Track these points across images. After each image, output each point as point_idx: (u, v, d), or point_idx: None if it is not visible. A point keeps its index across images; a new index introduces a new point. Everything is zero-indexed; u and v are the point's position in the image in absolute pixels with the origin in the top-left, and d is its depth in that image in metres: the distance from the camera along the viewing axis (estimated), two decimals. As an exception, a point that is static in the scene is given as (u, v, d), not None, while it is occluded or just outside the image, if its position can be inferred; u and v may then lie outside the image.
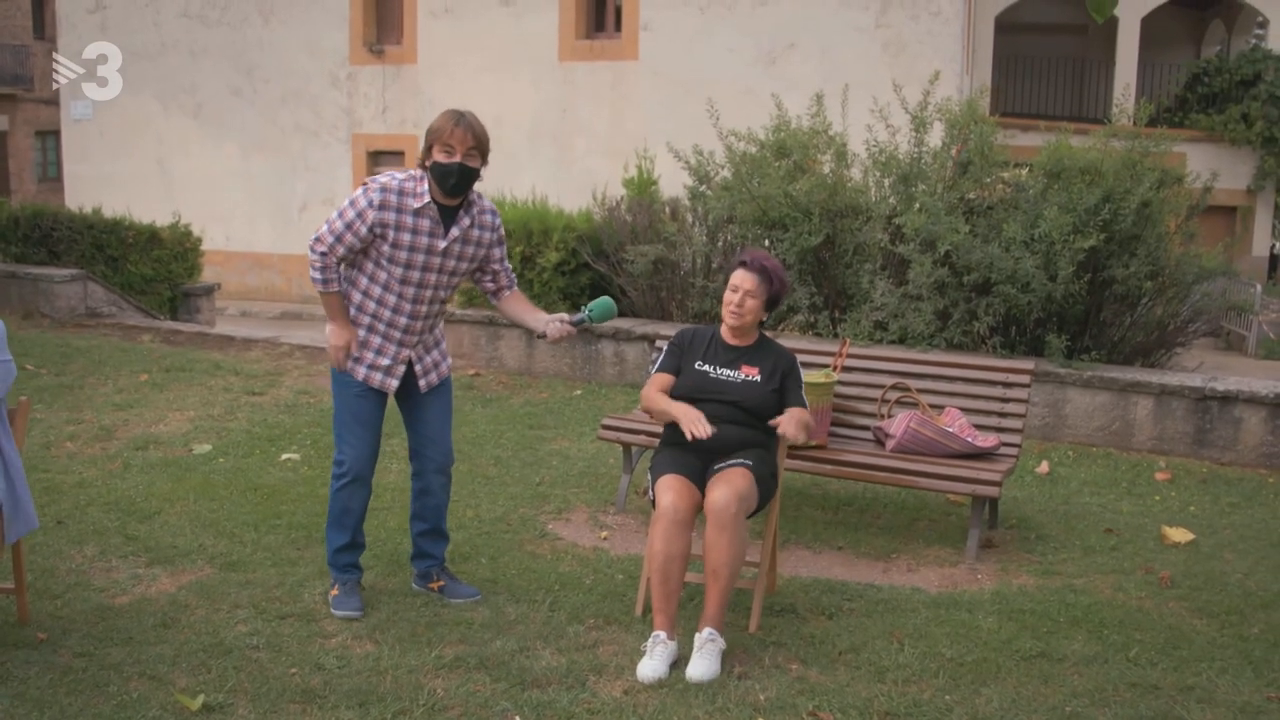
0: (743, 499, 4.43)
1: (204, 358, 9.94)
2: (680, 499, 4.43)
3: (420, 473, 4.89)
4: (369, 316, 4.66)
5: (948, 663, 4.41)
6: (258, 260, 21.67)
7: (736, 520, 4.39)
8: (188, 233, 13.11)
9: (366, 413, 4.72)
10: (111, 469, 6.71)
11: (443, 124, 4.49)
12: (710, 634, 4.29)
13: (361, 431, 4.72)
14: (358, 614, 4.69)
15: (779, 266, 4.88)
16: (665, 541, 4.36)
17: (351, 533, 4.84)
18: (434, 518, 4.95)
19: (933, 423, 5.82)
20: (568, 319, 4.76)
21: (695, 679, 4.17)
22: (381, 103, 20.85)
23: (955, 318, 8.32)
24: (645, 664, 4.22)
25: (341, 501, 4.77)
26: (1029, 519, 6.34)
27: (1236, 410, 7.60)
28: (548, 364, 9.66)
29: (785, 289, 4.89)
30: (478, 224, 4.68)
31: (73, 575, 5.05)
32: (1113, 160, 8.03)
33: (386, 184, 4.52)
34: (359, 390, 4.70)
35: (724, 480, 4.48)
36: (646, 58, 19.03)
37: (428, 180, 4.55)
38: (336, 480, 4.75)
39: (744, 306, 4.79)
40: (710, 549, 4.37)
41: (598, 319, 4.81)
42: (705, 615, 4.35)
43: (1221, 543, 6.05)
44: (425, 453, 4.86)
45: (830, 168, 9.08)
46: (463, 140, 4.46)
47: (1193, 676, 4.38)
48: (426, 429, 4.86)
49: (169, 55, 21.76)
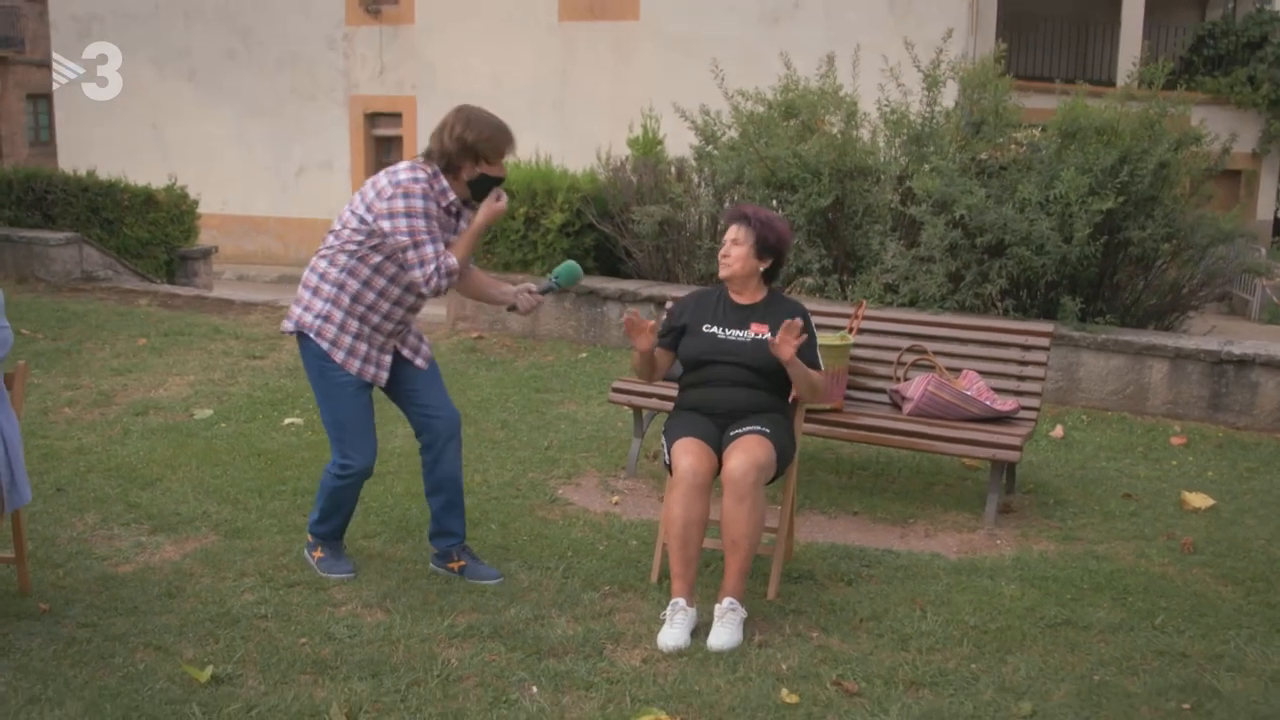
0: (761, 468, 4.31)
1: (203, 321, 9.80)
2: (699, 462, 4.32)
3: (432, 444, 4.68)
4: (364, 308, 4.42)
5: (971, 630, 4.32)
6: (254, 224, 21.46)
7: (755, 489, 4.27)
8: (184, 195, 12.93)
9: (365, 411, 4.55)
10: (111, 435, 6.59)
11: (496, 139, 4.38)
12: (731, 603, 4.19)
13: (365, 432, 4.54)
14: (351, 574, 4.62)
15: (769, 214, 4.73)
16: (684, 507, 4.25)
17: (349, 515, 4.73)
18: (452, 488, 4.74)
19: (951, 385, 5.70)
20: (534, 288, 4.63)
21: (716, 648, 4.08)
22: (379, 64, 20.60)
23: (967, 280, 8.19)
24: (666, 632, 4.12)
25: (343, 494, 4.63)
26: (1046, 484, 6.24)
27: (1253, 374, 7.48)
28: (552, 326, 9.53)
29: (777, 235, 4.67)
30: (471, 210, 4.58)
31: (74, 544, 4.94)
32: (1130, 120, 7.87)
33: (429, 179, 4.34)
34: (355, 389, 4.49)
35: (741, 448, 4.36)
36: (647, 18, 18.80)
37: (442, 177, 4.39)
38: (339, 479, 4.56)
39: (730, 255, 4.66)
40: (729, 520, 4.26)
41: (565, 284, 4.71)
42: (725, 585, 4.25)
43: (1242, 508, 5.95)
44: (434, 424, 4.66)
45: (839, 128, 8.91)
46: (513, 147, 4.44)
47: (1220, 644, 4.29)
48: (427, 399, 4.67)
49: (162, 17, 21.48)
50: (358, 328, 4.43)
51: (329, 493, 4.64)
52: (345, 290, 4.39)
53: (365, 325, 4.44)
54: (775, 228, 4.69)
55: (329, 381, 4.47)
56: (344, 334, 4.42)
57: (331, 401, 4.51)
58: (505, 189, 4.60)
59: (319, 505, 4.70)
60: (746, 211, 4.71)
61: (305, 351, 4.51)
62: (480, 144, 4.34)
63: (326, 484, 4.64)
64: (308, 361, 4.53)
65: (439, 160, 4.38)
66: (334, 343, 4.42)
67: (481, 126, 4.36)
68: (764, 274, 4.74)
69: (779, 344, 4.41)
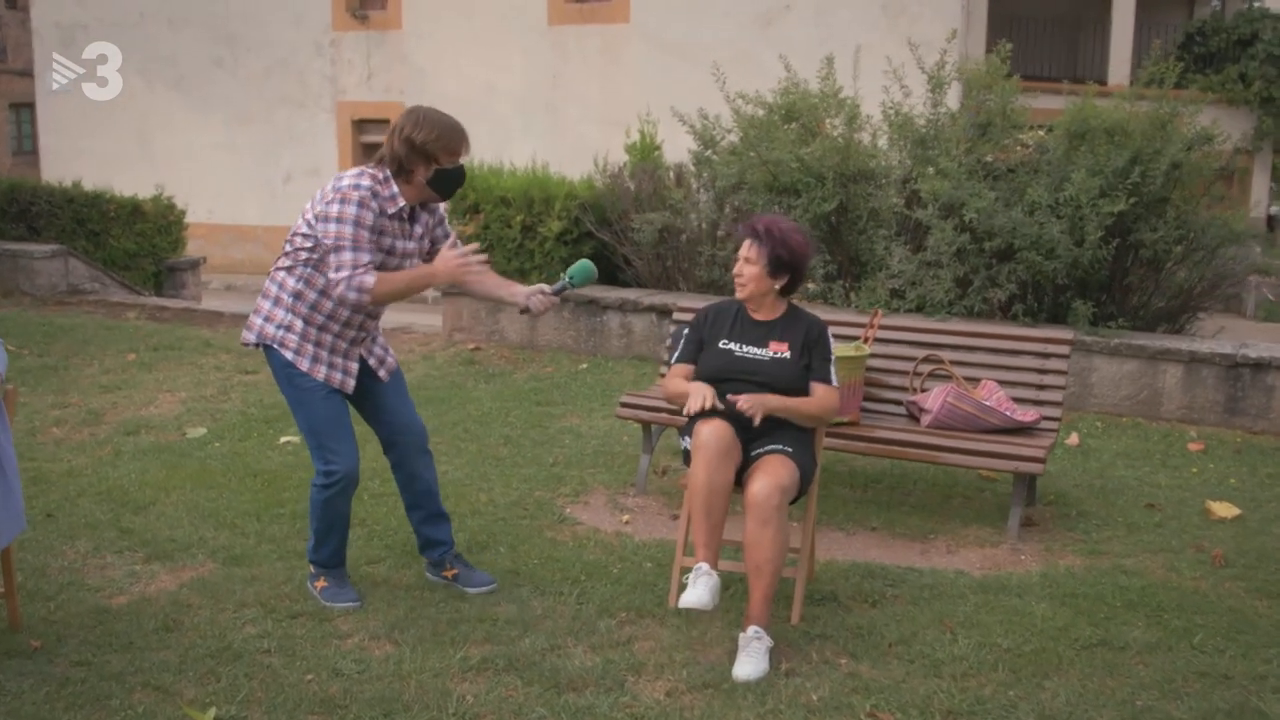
0: (785, 490, 4.14)
1: (193, 335, 9.60)
2: (721, 430, 4.15)
3: (402, 461, 4.59)
4: (324, 317, 4.30)
5: (1005, 654, 4.15)
6: (242, 233, 21.24)
7: (779, 513, 4.09)
8: (171, 205, 12.72)
9: (339, 413, 4.39)
10: (101, 456, 6.39)
11: (444, 134, 4.22)
12: (756, 632, 4.01)
13: (343, 434, 4.39)
14: (357, 604, 4.45)
15: (785, 227, 4.51)
16: (708, 471, 4.08)
17: (344, 533, 4.56)
18: (429, 501, 4.68)
19: (970, 396, 5.53)
20: (549, 290, 4.48)
21: (743, 679, 3.90)
22: (366, 70, 20.41)
23: (975, 285, 8.03)
24: (689, 593, 3.99)
25: (333, 508, 4.45)
26: (1066, 494, 6.07)
27: (1269, 378, 7.33)
28: (551, 337, 9.35)
29: (790, 251, 4.47)
30: (428, 211, 4.46)
31: (66, 574, 4.74)
32: (1140, 121, 7.72)
33: (373, 188, 4.19)
34: (325, 393, 4.35)
35: (764, 470, 4.18)
36: (638, 20, 18.63)
37: (392, 182, 4.24)
38: (326, 490, 4.40)
39: (743, 275, 4.50)
40: (753, 545, 4.08)
41: (579, 284, 4.53)
42: (750, 613, 4.07)
43: (1268, 517, 5.79)
44: (402, 440, 4.57)
45: (841, 131, 8.75)
46: (467, 145, 4.29)
47: (1263, 664, 4.13)
48: (395, 416, 4.57)
49: (148, 25, 21.25)
50: (317, 335, 4.32)
51: (318, 509, 4.47)
52: (303, 300, 4.29)
53: (326, 334, 4.33)
54: (790, 243, 4.49)
55: (298, 389, 4.36)
56: (306, 343, 4.32)
57: (305, 409, 4.37)
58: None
59: (312, 529, 4.54)
60: (758, 227, 4.51)
61: (272, 362, 4.42)
62: (429, 144, 4.19)
63: (315, 501, 4.47)
64: (275, 372, 4.43)
65: (390, 164, 4.25)
66: (298, 352, 4.31)
67: (430, 126, 4.21)
68: (781, 290, 4.57)
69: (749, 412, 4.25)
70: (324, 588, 4.52)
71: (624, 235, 9.45)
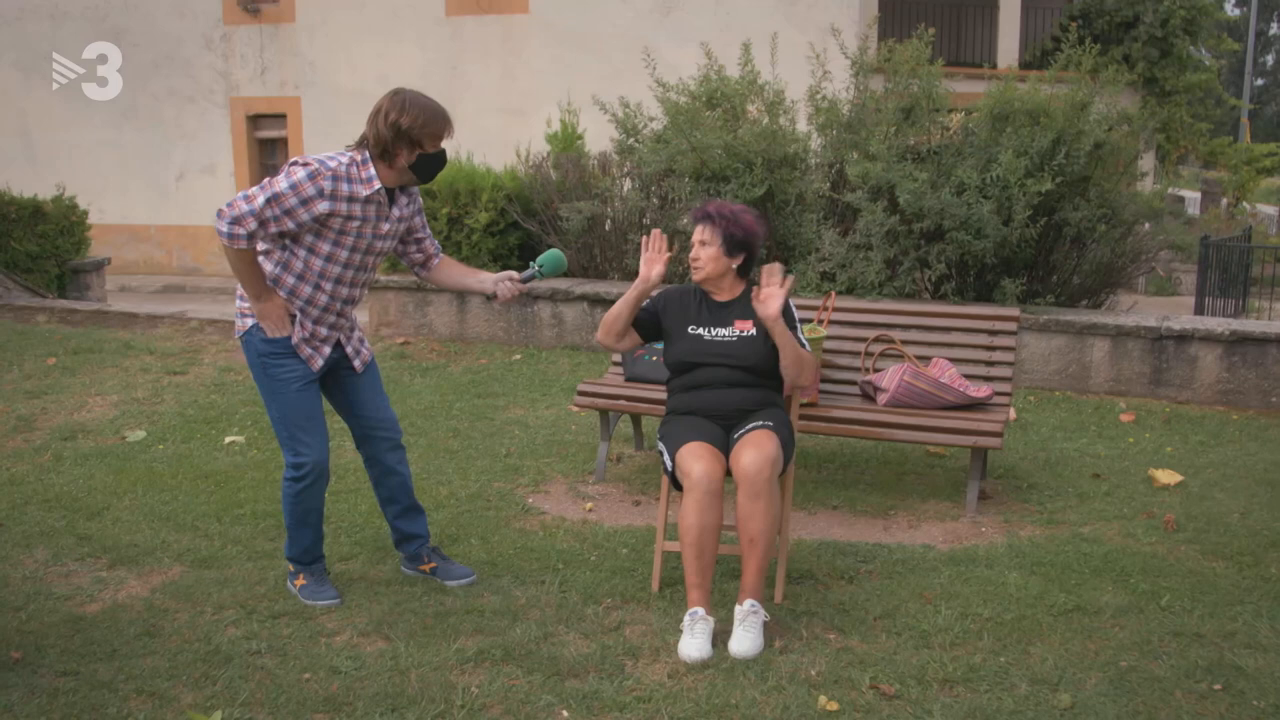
0: (773, 462, 4.19)
1: (110, 337, 9.34)
2: (712, 468, 4.16)
3: (375, 456, 4.57)
4: (302, 301, 4.25)
5: (987, 623, 4.24)
6: (134, 233, 20.65)
7: (770, 485, 4.14)
8: (73, 206, 12.31)
9: (312, 405, 4.34)
10: (42, 462, 6.20)
11: (428, 118, 4.15)
12: (752, 605, 4.05)
13: (314, 427, 4.33)
14: (337, 601, 4.40)
15: (735, 208, 4.59)
16: (699, 513, 4.09)
17: (316, 528, 4.50)
18: (405, 495, 4.67)
19: (926, 375, 5.64)
20: (517, 276, 4.47)
21: (740, 654, 3.94)
22: (260, 64, 19.97)
23: (905, 266, 8.17)
24: (688, 643, 3.96)
25: (305, 502, 4.39)
26: (1014, 467, 6.23)
27: (1192, 348, 7.60)
28: (481, 328, 9.29)
29: (744, 230, 4.54)
30: (409, 199, 4.40)
31: (29, 583, 4.59)
32: (1060, 103, 7.92)
33: (336, 170, 4.10)
34: (300, 385, 4.29)
35: (752, 444, 4.22)
36: (537, 10, 18.50)
37: (372, 164, 4.18)
38: (297, 483, 4.34)
39: (700, 257, 4.54)
40: (746, 518, 4.12)
41: (549, 273, 4.53)
42: (744, 587, 4.11)
43: (1208, 482, 6.00)
44: (376, 434, 4.54)
45: (765, 118, 8.83)
46: (450, 129, 4.21)
47: (1230, 622, 4.28)
48: (368, 409, 4.53)
49: (27, 21, 20.53)
50: (300, 305, 4.25)
51: (288, 503, 4.41)
52: (280, 285, 4.23)
53: (306, 318, 4.26)
54: (742, 222, 4.56)
55: (272, 379, 4.30)
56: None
57: (277, 398, 4.31)
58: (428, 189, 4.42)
59: (286, 524, 4.47)
60: (710, 210, 4.57)
61: (247, 351, 4.34)
62: (414, 129, 4.14)
63: (285, 494, 4.41)
64: (250, 361, 4.36)
65: (373, 147, 4.18)
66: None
67: (416, 111, 4.15)
68: (738, 269, 4.62)
69: (764, 298, 4.31)
70: (303, 585, 4.46)
71: (551, 225, 9.43)
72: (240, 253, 4.07)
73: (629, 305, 4.55)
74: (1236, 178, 24.49)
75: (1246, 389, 7.52)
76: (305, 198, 4.05)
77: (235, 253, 4.07)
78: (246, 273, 4.14)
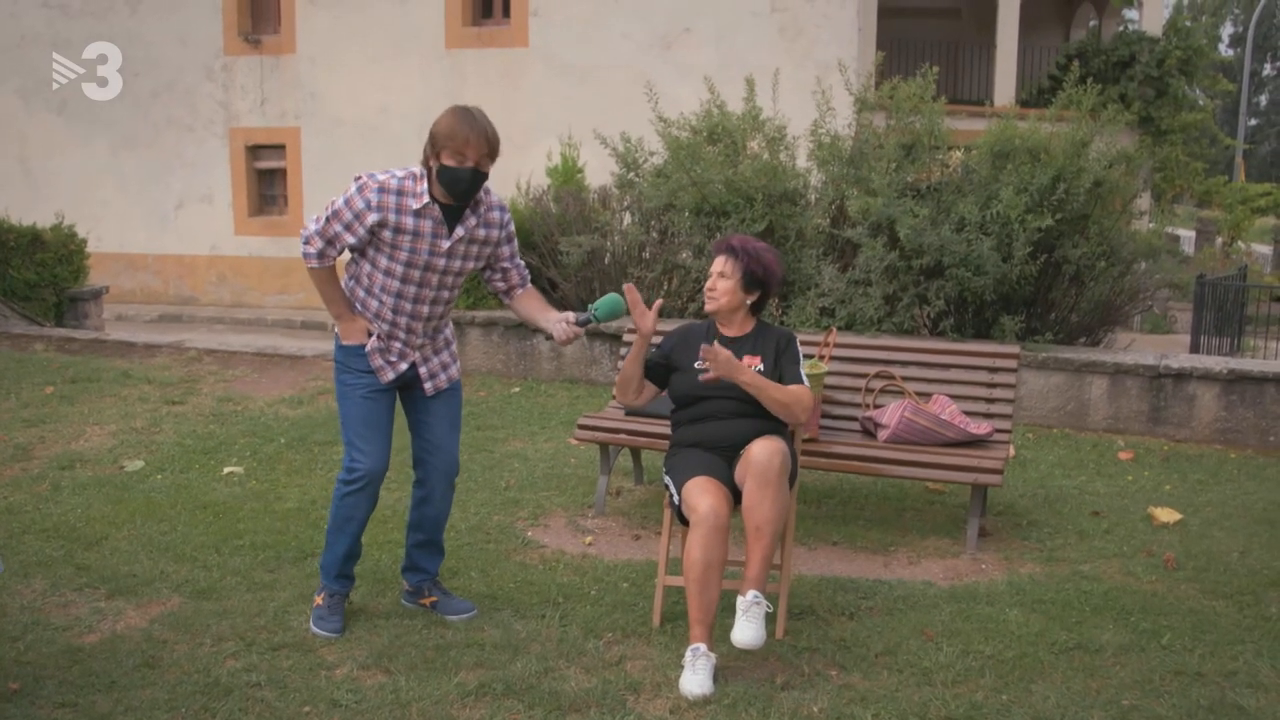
0: (784, 456, 4.20)
1: (108, 366, 9.33)
2: (719, 503, 4.16)
3: (424, 480, 4.60)
4: (371, 315, 4.35)
5: (989, 660, 4.24)
6: (131, 261, 20.66)
7: (780, 476, 4.15)
8: (72, 234, 12.34)
9: (376, 415, 4.38)
10: (39, 491, 6.18)
11: (454, 128, 4.12)
12: (755, 596, 4.05)
13: (373, 434, 4.37)
14: (336, 635, 4.38)
15: (757, 245, 4.64)
16: (705, 549, 4.09)
17: (353, 539, 4.51)
18: (432, 529, 4.67)
19: (927, 411, 5.65)
20: (573, 319, 4.45)
21: (743, 644, 4.01)
22: (260, 95, 20.04)
23: (904, 302, 8.20)
24: (690, 679, 3.94)
25: (348, 508, 4.43)
26: (1013, 504, 6.23)
27: (1190, 387, 7.62)
28: (480, 361, 9.30)
29: (764, 267, 4.59)
30: (484, 222, 4.36)
31: (27, 614, 4.57)
32: (1060, 140, 7.97)
33: (385, 183, 4.16)
34: (365, 392, 4.36)
35: (761, 442, 4.24)
36: (537, 44, 18.60)
37: (427, 180, 4.20)
38: (346, 486, 4.40)
39: (716, 289, 4.58)
40: (753, 506, 4.12)
41: (604, 318, 4.50)
42: (748, 577, 4.11)
43: (1207, 521, 6.01)
44: (431, 460, 4.56)
45: (766, 153, 8.87)
46: (478, 148, 4.14)
47: (1231, 661, 4.28)
48: (432, 434, 4.55)
49: (29, 48, 20.62)
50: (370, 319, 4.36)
51: (334, 505, 4.48)
52: (354, 297, 4.38)
53: (379, 320, 4.34)
54: (763, 260, 4.61)
55: (342, 384, 4.43)
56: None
57: (343, 402, 4.44)
58: None
59: (327, 528, 4.53)
60: (734, 244, 4.62)
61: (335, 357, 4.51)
62: (436, 134, 4.15)
63: (334, 497, 4.48)
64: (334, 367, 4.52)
65: (426, 157, 4.22)
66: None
67: (448, 121, 4.16)
68: (751, 306, 4.65)
69: (705, 377, 4.37)
70: (318, 607, 4.47)
71: (550, 258, 9.45)
72: (313, 271, 4.26)
73: (635, 362, 4.57)
74: (1231, 217, 24.62)
75: (1244, 428, 7.54)
76: (356, 211, 4.16)
77: (311, 271, 4.26)
78: (322, 290, 4.33)
